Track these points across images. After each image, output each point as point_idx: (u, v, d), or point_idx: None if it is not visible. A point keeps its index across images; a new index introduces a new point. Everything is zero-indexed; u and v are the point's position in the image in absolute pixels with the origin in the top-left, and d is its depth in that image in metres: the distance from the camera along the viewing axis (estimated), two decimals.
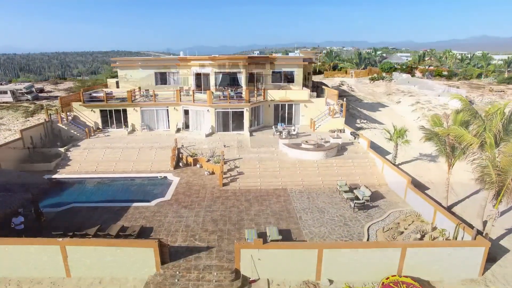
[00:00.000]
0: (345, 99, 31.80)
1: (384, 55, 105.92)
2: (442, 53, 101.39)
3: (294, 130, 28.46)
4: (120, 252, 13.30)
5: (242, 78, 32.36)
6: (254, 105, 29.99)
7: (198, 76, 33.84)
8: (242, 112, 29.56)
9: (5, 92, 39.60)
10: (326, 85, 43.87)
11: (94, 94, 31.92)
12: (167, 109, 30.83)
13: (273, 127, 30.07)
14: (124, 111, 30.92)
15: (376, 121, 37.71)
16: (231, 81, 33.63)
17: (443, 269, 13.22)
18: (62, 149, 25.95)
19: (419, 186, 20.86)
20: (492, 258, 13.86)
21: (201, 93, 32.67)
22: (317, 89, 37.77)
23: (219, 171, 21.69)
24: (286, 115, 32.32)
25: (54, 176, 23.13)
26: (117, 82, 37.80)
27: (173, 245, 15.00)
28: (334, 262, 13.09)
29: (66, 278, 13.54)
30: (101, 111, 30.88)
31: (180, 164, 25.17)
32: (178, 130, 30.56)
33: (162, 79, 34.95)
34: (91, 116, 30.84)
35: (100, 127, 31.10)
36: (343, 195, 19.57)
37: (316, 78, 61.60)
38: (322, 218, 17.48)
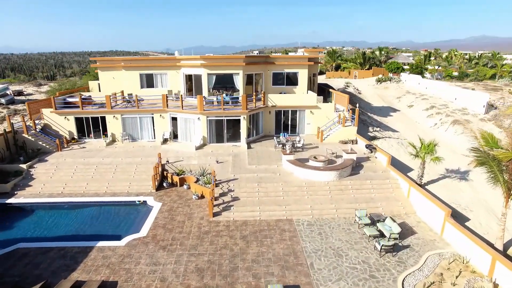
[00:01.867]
0: (358, 104, 27.72)
1: (388, 54, 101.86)
2: (447, 53, 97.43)
3: (299, 141, 24.36)
4: None
5: (239, 81, 28.31)
6: (252, 111, 25.91)
7: (189, 78, 29.84)
8: (239, 120, 25.47)
9: None
10: (333, 88, 39.80)
11: (69, 99, 27.78)
12: (152, 117, 26.72)
13: (274, 138, 25.95)
14: (103, 118, 26.83)
15: (389, 128, 33.67)
16: (226, 84, 29.61)
17: None
18: (24, 166, 21.85)
19: (457, 217, 16.83)
20: None
21: (192, 97, 28.70)
22: (324, 93, 33.67)
23: (209, 197, 17.60)
24: (290, 122, 28.24)
25: (9, 201, 19.06)
26: (99, 85, 33.69)
27: None
28: None
29: None
30: (76, 118, 26.75)
31: (164, 184, 21.10)
32: (165, 141, 26.46)
33: (148, 81, 30.80)
34: (65, 125, 26.72)
35: (76, 137, 26.99)
36: (364, 231, 15.50)
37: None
38: (340, 266, 13.41)
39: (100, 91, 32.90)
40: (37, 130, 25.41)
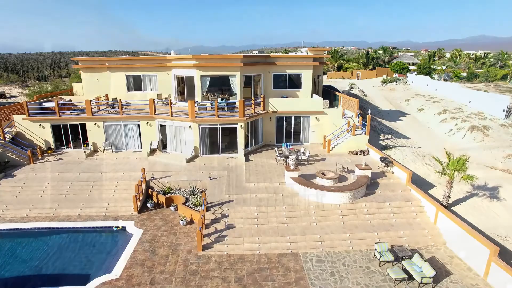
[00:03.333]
0: (369, 111, 24.75)
1: (392, 54, 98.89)
2: (451, 53, 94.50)
3: (304, 153, 21.42)
4: None
5: (236, 83, 25.35)
6: (250, 118, 22.96)
7: (181, 80, 26.88)
8: (235, 128, 22.53)
9: None
10: (338, 90, 36.80)
11: (46, 104, 24.80)
12: (139, 124, 23.76)
13: (275, 148, 22.99)
14: (84, 126, 23.87)
15: (401, 135, 30.73)
16: (222, 86, 26.64)
17: None
18: None
19: (500, 253, 13.86)
20: None
21: (184, 102, 25.75)
22: (329, 96, 30.66)
23: (199, 226, 14.62)
24: (292, 129, 25.30)
25: None
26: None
27: None
28: None
29: None
30: (53, 126, 23.80)
31: (148, 204, 18.15)
32: (152, 151, 23.52)
33: (136, 84, 27.85)
34: (40, 133, 23.76)
35: (53, 147, 24.04)
36: (388, 272, 12.55)
37: None
38: None
39: (84, 94, 29.95)
40: (6, 139, 22.43)
